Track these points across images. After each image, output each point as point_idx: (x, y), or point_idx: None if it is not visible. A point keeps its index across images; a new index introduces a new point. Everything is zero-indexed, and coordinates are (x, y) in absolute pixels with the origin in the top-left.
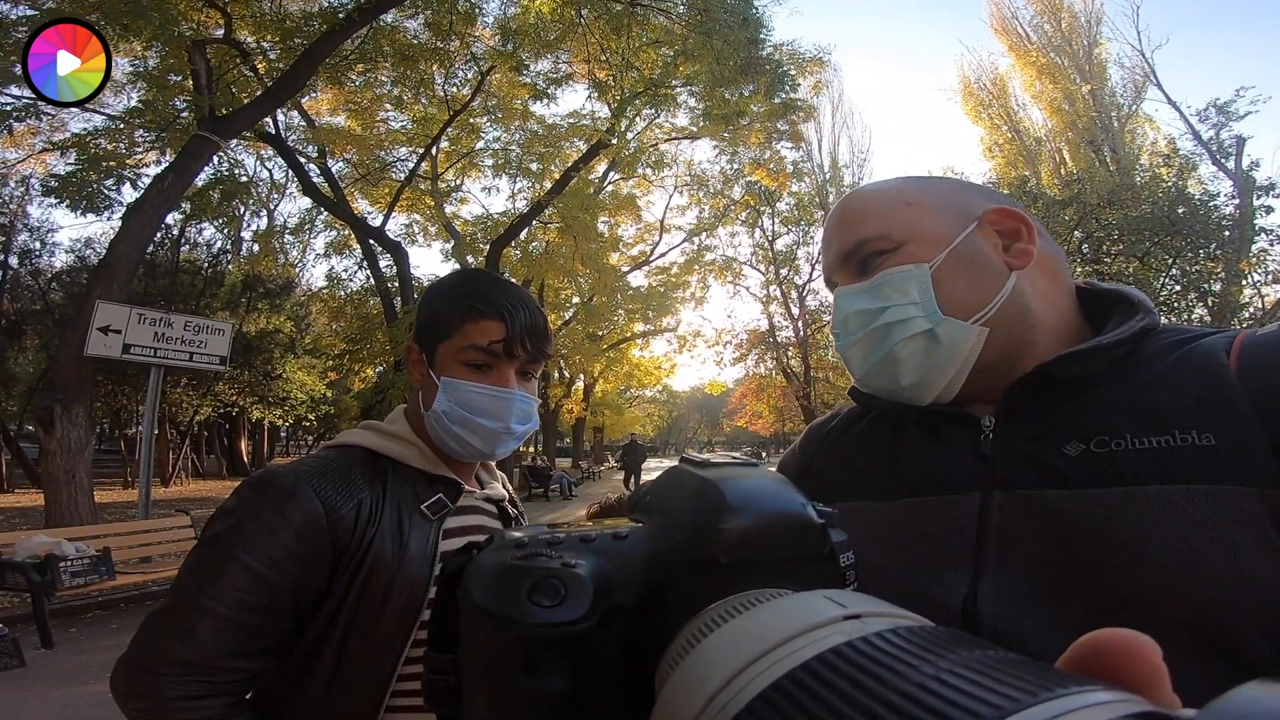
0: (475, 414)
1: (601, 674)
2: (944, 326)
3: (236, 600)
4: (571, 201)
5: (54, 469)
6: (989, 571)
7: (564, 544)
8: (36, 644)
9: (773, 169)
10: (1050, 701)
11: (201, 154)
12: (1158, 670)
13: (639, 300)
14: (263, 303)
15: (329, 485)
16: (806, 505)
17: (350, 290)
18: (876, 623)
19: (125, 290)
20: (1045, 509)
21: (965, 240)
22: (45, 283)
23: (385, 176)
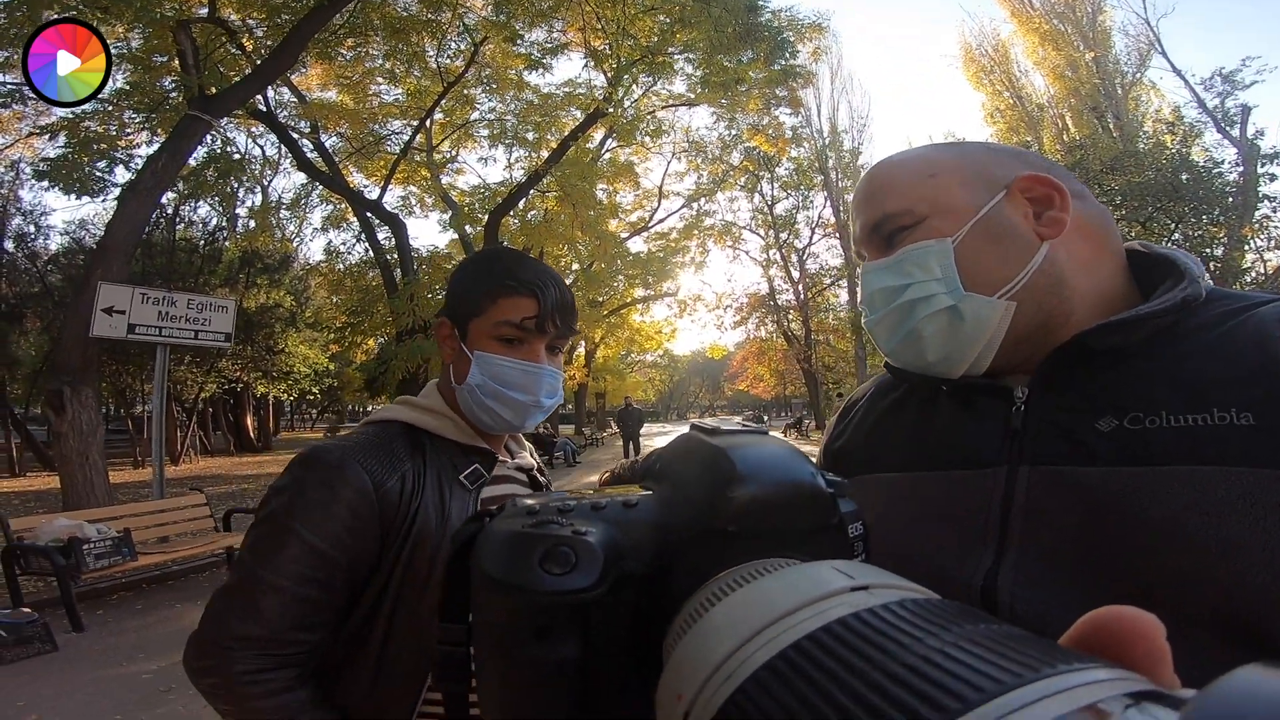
0: (507, 387)
1: (611, 641)
2: (967, 303)
3: (296, 574)
4: (570, 170)
5: (67, 451)
6: (1012, 549)
7: (575, 511)
8: (66, 628)
9: (771, 135)
10: (1052, 677)
11: (194, 134)
12: (1160, 649)
13: (638, 266)
14: (261, 278)
15: (374, 460)
16: (816, 475)
17: (349, 263)
18: (883, 594)
19: (125, 271)
20: (1074, 486)
21: (991, 211)
22: (42, 266)
23: (380, 149)
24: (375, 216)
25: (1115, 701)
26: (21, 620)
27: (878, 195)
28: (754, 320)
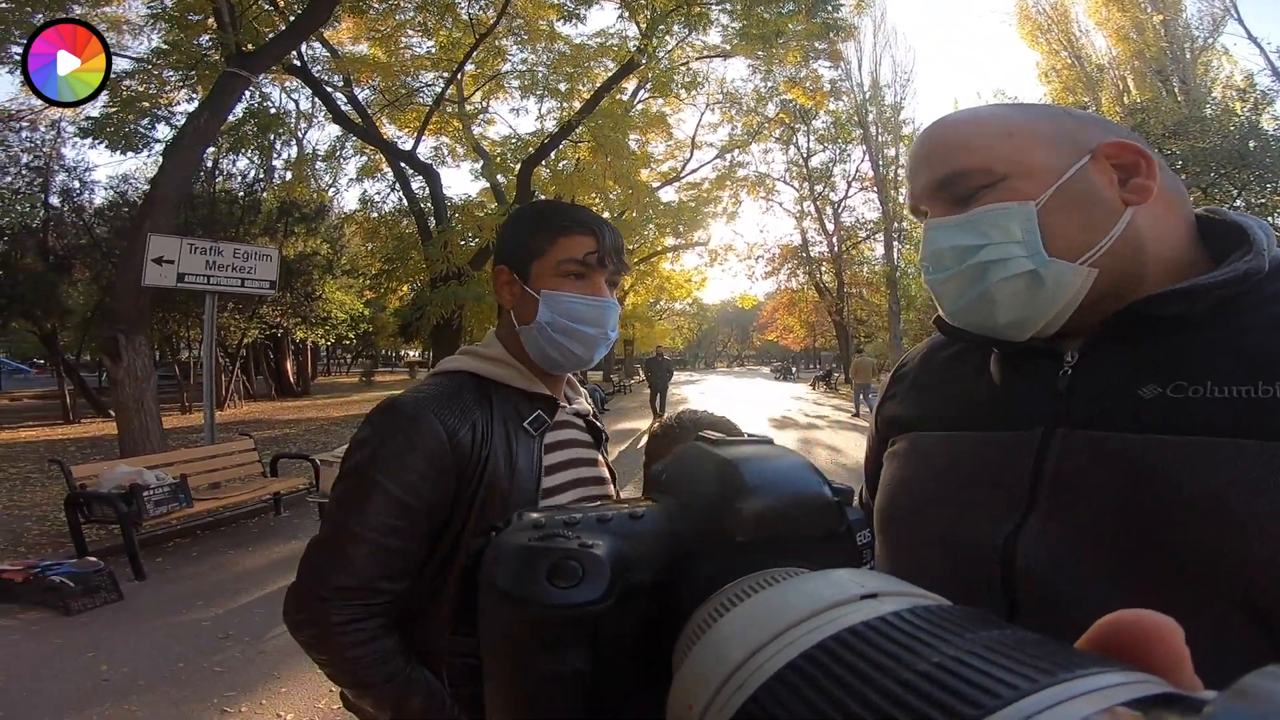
0: (576, 322)
1: (620, 653)
2: (1050, 268)
3: (382, 525)
4: (603, 120)
5: (124, 398)
6: (1037, 513)
7: (581, 524)
8: (129, 576)
9: (809, 88)
10: (1069, 682)
11: (233, 90)
12: (1178, 652)
13: (669, 215)
14: (299, 227)
15: (446, 410)
16: (822, 484)
17: (384, 212)
18: (893, 602)
19: (172, 223)
20: (1109, 453)
21: (1076, 175)
22: (89, 219)
23: (413, 102)
24: (409, 167)
25: (1135, 705)
26: (88, 570)
27: (949, 151)
28: (785, 271)
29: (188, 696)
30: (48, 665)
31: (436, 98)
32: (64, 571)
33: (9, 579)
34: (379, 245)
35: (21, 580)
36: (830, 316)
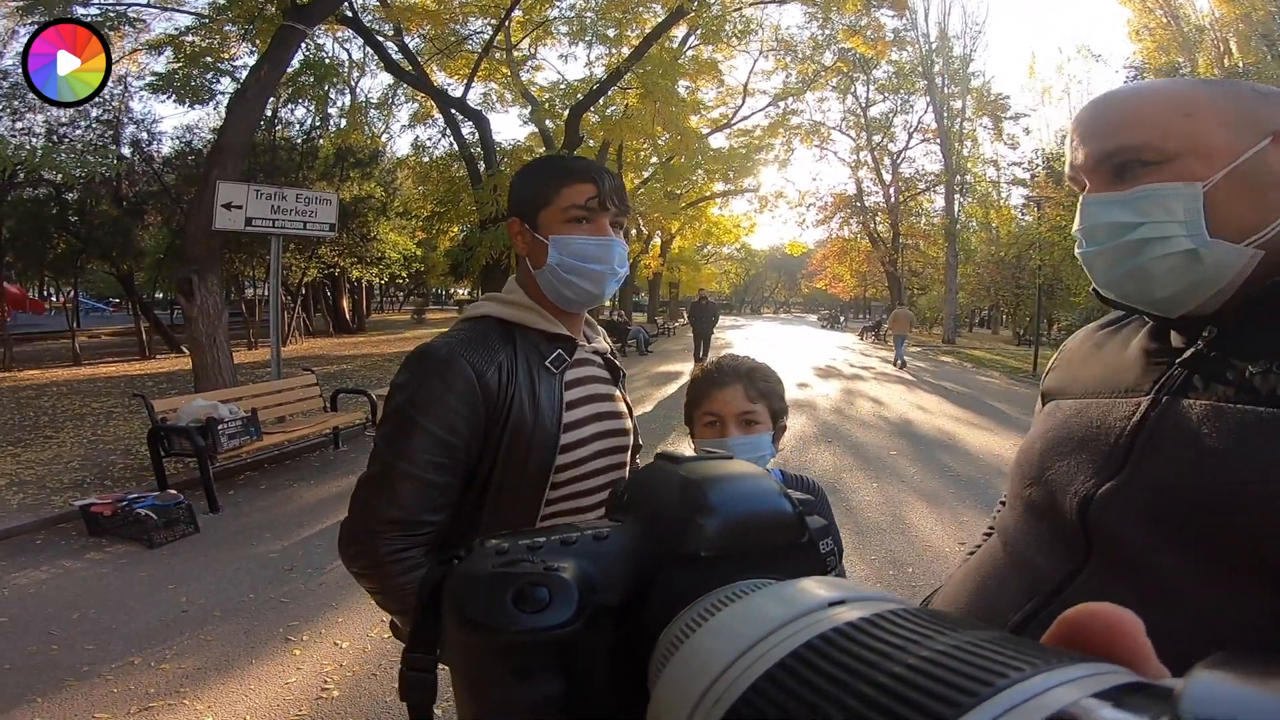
0: (585, 260)
1: (593, 676)
2: (1211, 249)
3: (425, 462)
4: (652, 67)
5: (197, 334)
6: (1120, 478)
7: (545, 548)
8: (204, 508)
9: (870, 36)
10: (1039, 675)
11: (290, 43)
12: (1142, 644)
13: (719, 161)
14: (354, 172)
15: (474, 353)
16: (782, 498)
17: (435, 156)
18: (861, 608)
19: (239, 170)
20: (1193, 421)
21: (1253, 157)
22: (158, 167)
23: (462, 49)
24: (459, 113)
25: (1104, 695)
26: (169, 502)
27: (1119, 125)
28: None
29: (256, 626)
30: (134, 597)
31: (485, 45)
32: (148, 505)
33: (99, 513)
34: (430, 188)
35: (110, 514)
36: (883, 267)
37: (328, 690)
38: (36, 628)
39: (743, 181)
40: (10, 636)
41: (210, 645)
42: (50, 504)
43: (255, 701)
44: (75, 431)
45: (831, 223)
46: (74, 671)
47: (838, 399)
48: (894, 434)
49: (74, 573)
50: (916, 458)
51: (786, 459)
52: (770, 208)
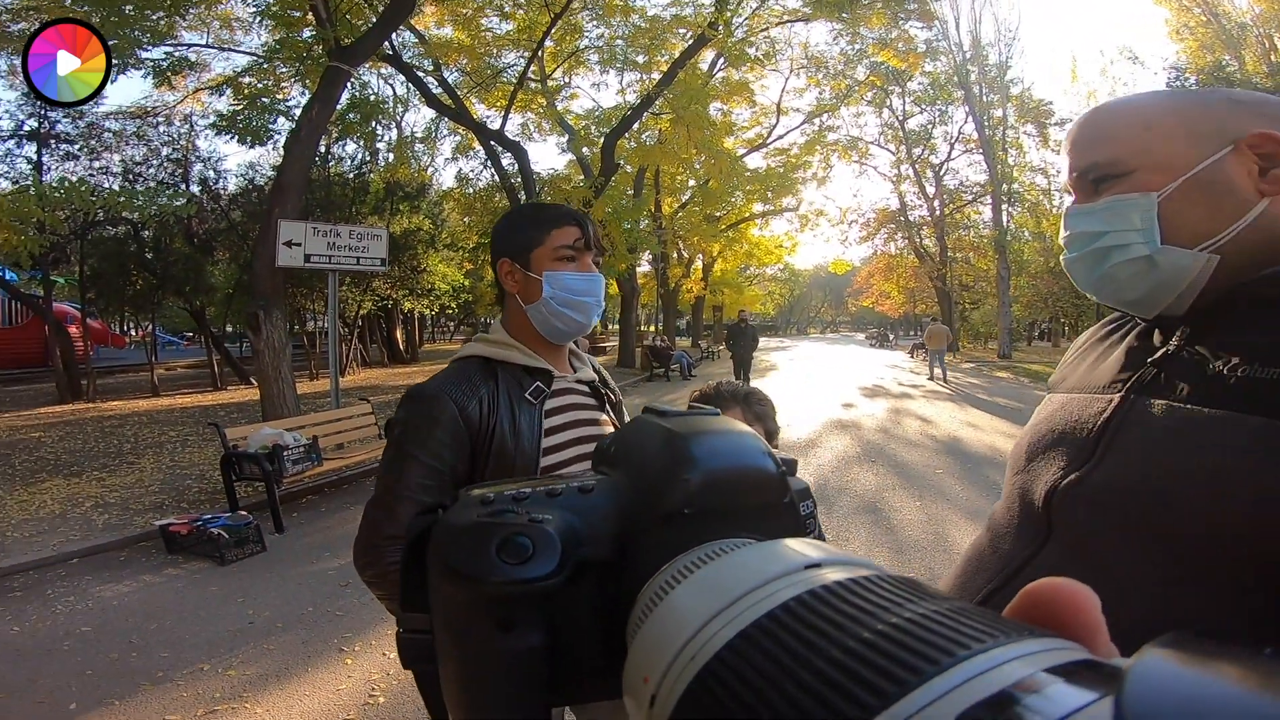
0: (575, 294)
1: (574, 629)
2: (1163, 255)
3: (418, 485)
4: (681, 92)
5: (264, 366)
6: (1084, 470)
7: (530, 499)
8: (270, 529)
9: (901, 49)
10: (996, 649)
11: (337, 82)
12: (1096, 620)
13: (757, 181)
14: (403, 205)
15: (457, 389)
16: (766, 456)
17: (478, 188)
18: (835, 571)
19: (298, 208)
20: (1156, 419)
21: (1209, 166)
22: (225, 205)
23: (498, 81)
24: (498, 144)
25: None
26: (240, 523)
27: (1089, 142)
28: (882, 236)
29: (313, 638)
30: (207, 609)
31: (519, 76)
32: (220, 525)
33: (176, 532)
34: (475, 219)
35: (187, 533)
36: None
37: (374, 697)
38: (118, 636)
39: (782, 201)
40: (94, 644)
41: (271, 654)
42: (133, 524)
43: (308, 706)
44: (155, 458)
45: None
46: (149, 676)
47: (884, 418)
48: (941, 452)
49: (153, 586)
50: (964, 475)
51: (826, 479)
52: (811, 226)
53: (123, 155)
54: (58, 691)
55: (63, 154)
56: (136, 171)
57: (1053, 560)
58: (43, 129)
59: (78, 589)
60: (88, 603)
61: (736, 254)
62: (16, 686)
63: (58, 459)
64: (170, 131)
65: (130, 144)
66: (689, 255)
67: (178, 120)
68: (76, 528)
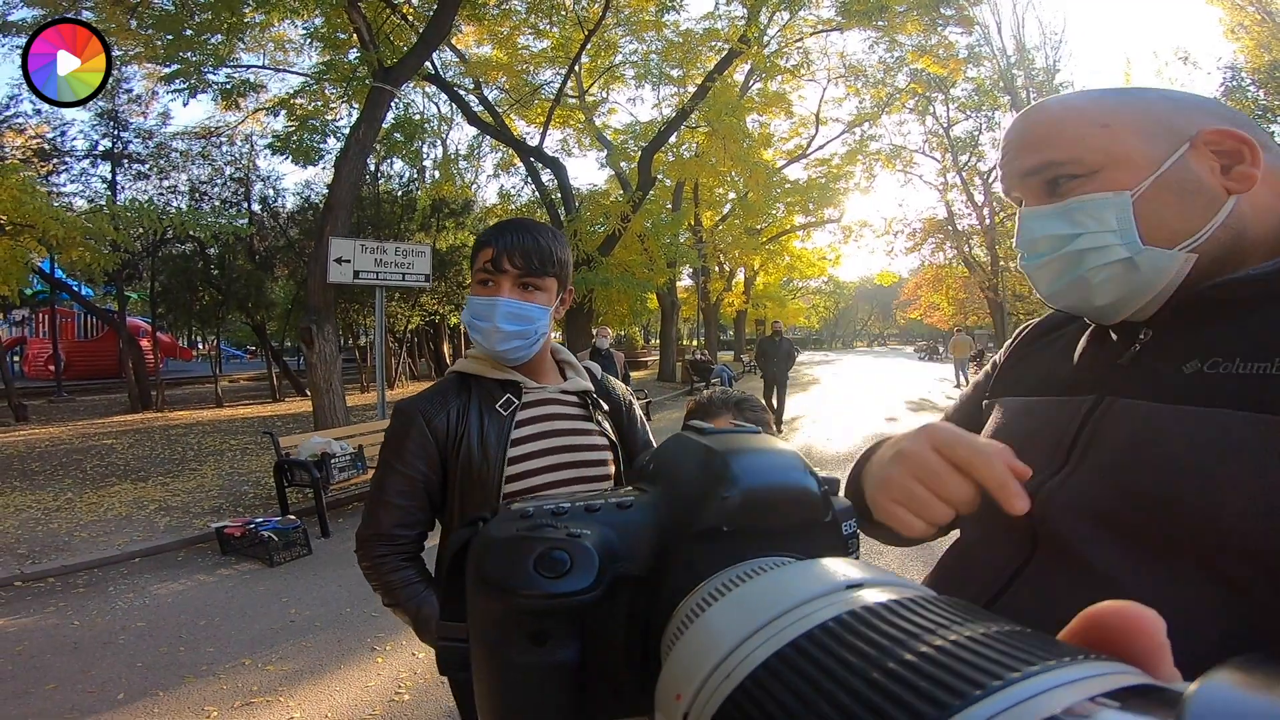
0: (476, 318)
1: (609, 643)
2: (1145, 255)
3: (395, 490)
4: (716, 105)
5: (317, 379)
6: (1061, 474)
7: (569, 514)
8: (317, 533)
9: (941, 55)
10: (1050, 673)
11: (382, 103)
12: (1159, 643)
13: (797, 193)
14: (449, 221)
15: (428, 404)
16: (808, 474)
17: (520, 203)
18: (877, 592)
19: (347, 226)
20: (1131, 420)
21: (1175, 164)
22: (284, 223)
23: (536, 98)
24: (538, 160)
25: (1112, 696)
26: (289, 527)
27: (1040, 142)
28: (929, 246)
29: (348, 636)
30: (253, 607)
31: (557, 93)
32: (271, 528)
33: (230, 534)
34: None
35: (239, 535)
36: (983, 293)
37: (400, 695)
38: (169, 631)
39: (824, 212)
40: (146, 638)
41: (308, 651)
42: (192, 526)
43: (337, 700)
44: (215, 464)
45: (923, 249)
46: (194, 670)
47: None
48: None
49: (206, 585)
50: None
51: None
52: (855, 238)
53: (189, 175)
54: (108, 682)
55: (135, 173)
56: (202, 190)
57: (1045, 572)
58: (115, 149)
59: (137, 586)
60: (145, 599)
61: (778, 267)
62: (69, 677)
63: (126, 465)
64: (232, 151)
65: (196, 163)
66: (730, 268)
67: (239, 140)
68: (140, 529)
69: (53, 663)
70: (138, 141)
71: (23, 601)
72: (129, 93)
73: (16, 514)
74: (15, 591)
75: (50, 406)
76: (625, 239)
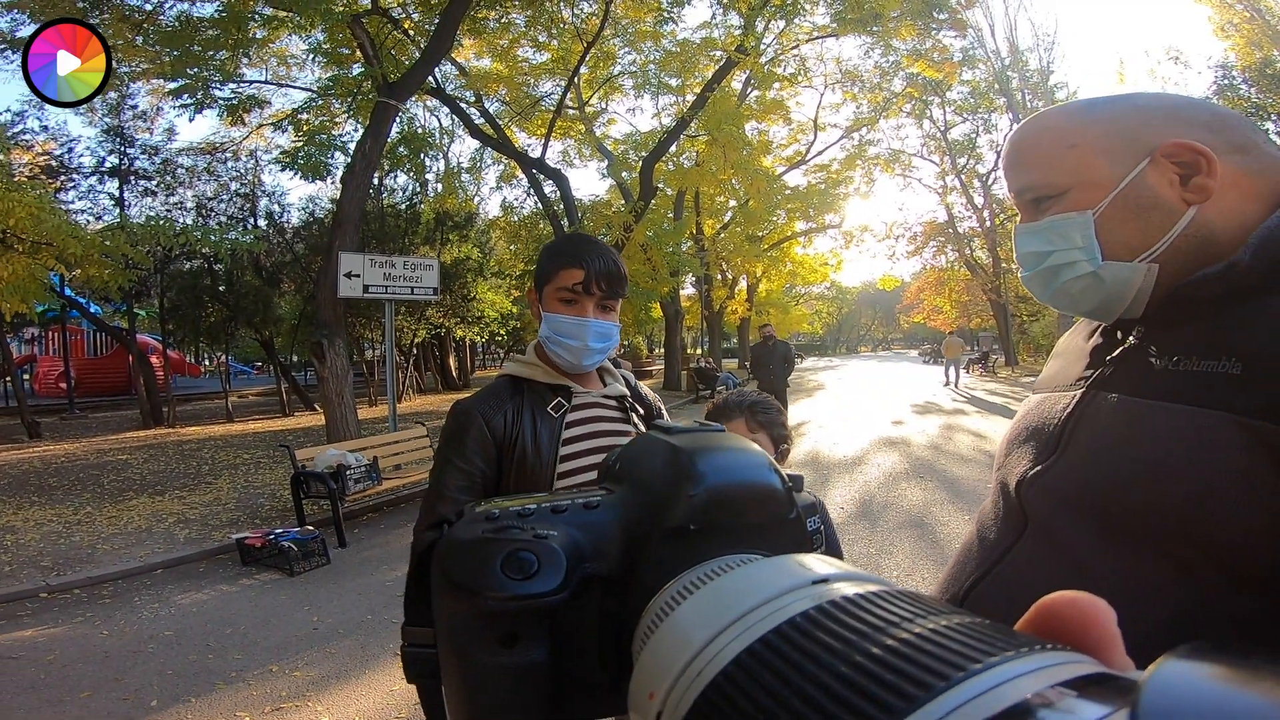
0: (565, 336)
1: (580, 644)
2: (1106, 269)
3: (454, 485)
4: (715, 114)
5: (328, 392)
6: (1049, 461)
7: (535, 515)
8: (334, 543)
9: (936, 59)
10: (1008, 663)
11: (386, 118)
12: (1111, 633)
13: (798, 199)
14: (453, 234)
15: (486, 405)
16: (772, 471)
17: (522, 215)
18: (843, 587)
19: (355, 241)
20: (1107, 412)
21: (1133, 181)
22: (289, 238)
23: (537, 109)
24: (540, 173)
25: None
26: (307, 537)
27: (1021, 164)
28: (931, 249)
29: (371, 643)
30: (276, 616)
31: (557, 104)
32: (290, 539)
33: (250, 545)
34: (520, 247)
35: (260, 546)
36: (986, 295)
37: None
38: (197, 640)
39: (825, 218)
40: (175, 647)
41: (334, 657)
42: (211, 538)
43: (364, 705)
44: (230, 478)
45: (924, 252)
46: (224, 676)
47: (935, 435)
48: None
49: (229, 595)
50: None
51: (872, 495)
52: (856, 242)
53: (195, 190)
54: (141, 690)
55: (141, 190)
56: (209, 206)
57: (1029, 549)
58: (122, 165)
59: (161, 596)
60: (170, 609)
61: (781, 274)
62: (102, 685)
63: (143, 479)
64: (237, 167)
65: (202, 179)
66: (733, 276)
67: (244, 155)
68: (160, 541)
69: (85, 671)
70: (144, 158)
71: (50, 612)
72: (134, 109)
73: (38, 528)
74: (42, 603)
75: (63, 423)
76: (628, 249)
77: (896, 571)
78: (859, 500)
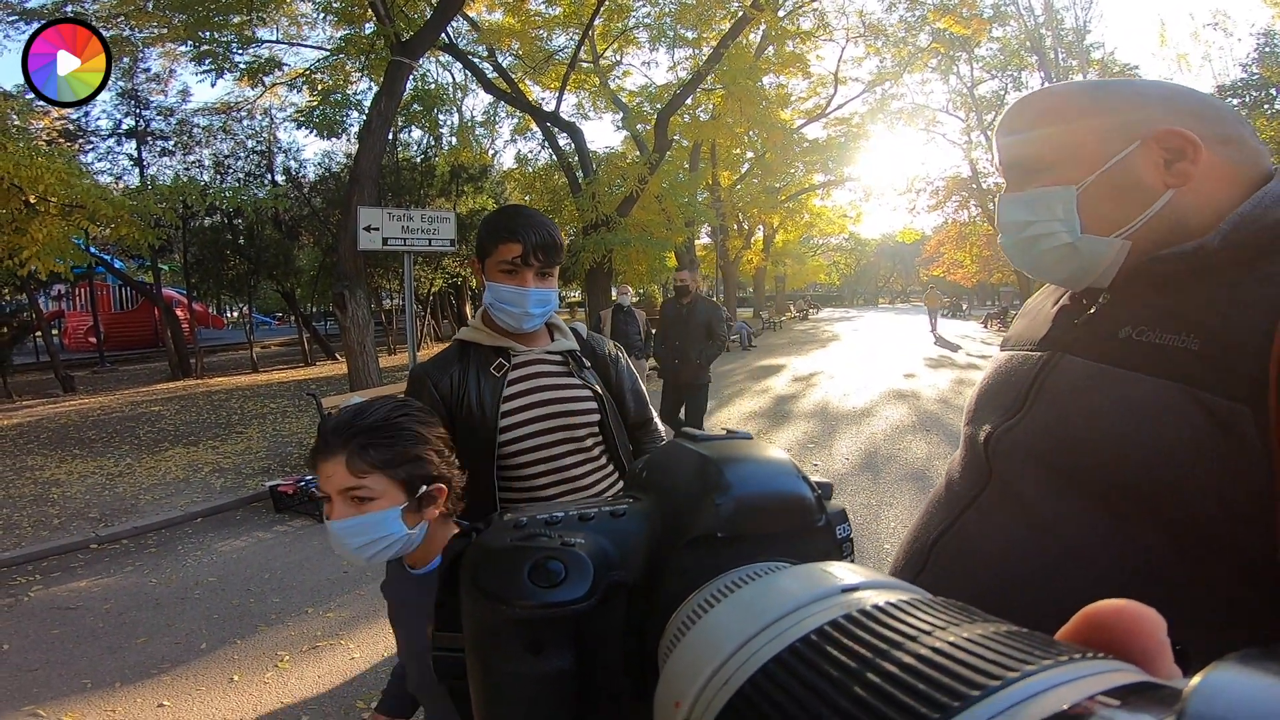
0: (506, 303)
1: (605, 653)
2: (1083, 242)
3: None
4: (732, 68)
5: (350, 342)
6: (1014, 419)
7: (562, 523)
8: None
9: (964, 15)
10: (1049, 671)
11: (401, 75)
12: (1158, 642)
13: (816, 152)
14: (468, 187)
15: (435, 369)
16: (801, 480)
17: (537, 167)
18: (873, 595)
19: (373, 195)
20: (1071, 375)
21: (1120, 161)
22: (307, 193)
23: (551, 63)
24: (555, 125)
25: (1112, 694)
26: None
27: (1014, 137)
28: (953, 204)
29: None
30: (310, 561)
31: (571, 58)
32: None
33: (284, 492)
34: (535, 198)
35: (292, 493)
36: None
37: None
38: (238, 585)
39: (843, 170)
40: (219, 592)
41: (363, 599)
42: (245, 486)
43: (391, 643)
44: (260, 427)
45: (946, 207)
46: (264, 619)
47: (946, 389)
48: None
49: (265, 541)
50: None
51: (877, 447)
52: (876, 196)
53: (213, 149)
54: (191, 634)
55: (159, 150)
56: (226, 164)
57: (993, 500)
58: (139, 127)
59: (203, 544)
60: (211, 556)
61: (798, 224)
62: (156, 631)
63: (176, 430)
64: (253, 125)
65: (218, 138)
66: (749, 227)
67: (259, 114)
68: (198, 491)
69: (139, 618)
70: (160, 119)
71: (101, 563)
72: (147, 72)
73: (83, 480)
74: (92, 554)
75: (94, 377)
76: (643, 199)
77: (894, 524)
78: (864, 451)
